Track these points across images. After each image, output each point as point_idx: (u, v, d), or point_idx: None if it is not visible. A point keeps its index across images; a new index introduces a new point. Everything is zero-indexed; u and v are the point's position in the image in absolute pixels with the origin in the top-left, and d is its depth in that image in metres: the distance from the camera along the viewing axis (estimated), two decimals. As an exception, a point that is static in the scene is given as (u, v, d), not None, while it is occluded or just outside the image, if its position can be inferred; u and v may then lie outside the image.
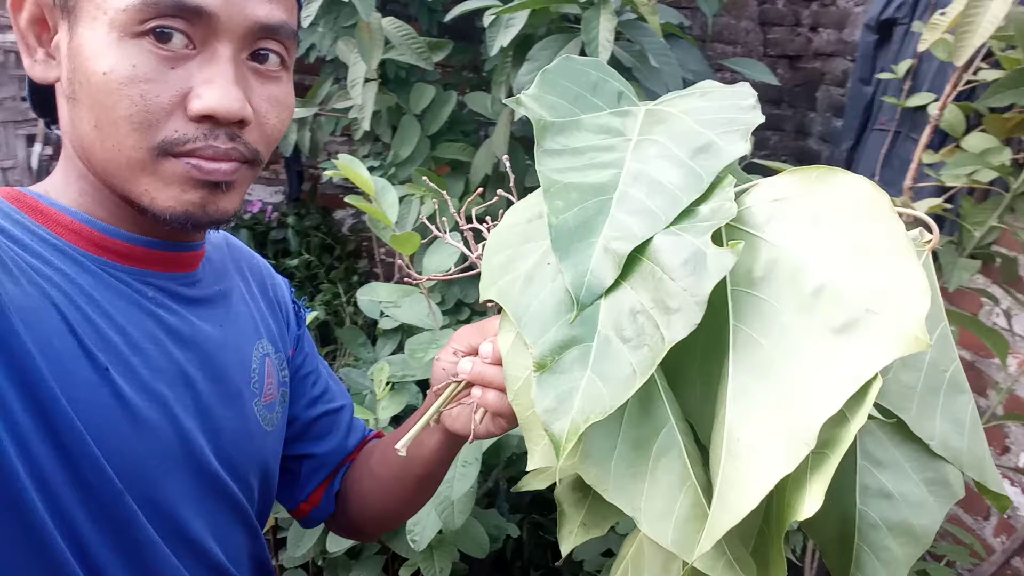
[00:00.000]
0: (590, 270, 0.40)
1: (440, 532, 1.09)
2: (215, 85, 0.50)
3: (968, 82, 1.24)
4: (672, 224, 0.40)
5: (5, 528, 0.45)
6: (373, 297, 1.18)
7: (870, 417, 0.40)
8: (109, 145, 0.50)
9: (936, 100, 1.47)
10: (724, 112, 0.45)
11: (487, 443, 1.08)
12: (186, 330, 0.58)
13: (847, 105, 2.03)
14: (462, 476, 0.99)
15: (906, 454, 0.43)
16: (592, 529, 0.52)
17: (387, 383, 1.14)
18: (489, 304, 0.47)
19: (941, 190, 1.38)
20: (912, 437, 0.42)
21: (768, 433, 0.35)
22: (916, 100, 1.60)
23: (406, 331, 1.34)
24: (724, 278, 0.38)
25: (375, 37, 1.48)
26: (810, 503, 0.34)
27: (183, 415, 0.55)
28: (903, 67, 1.69)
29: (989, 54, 1.24)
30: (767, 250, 0.39)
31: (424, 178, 0.64)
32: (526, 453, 0.45)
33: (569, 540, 0.52)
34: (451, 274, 0.64)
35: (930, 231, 0.43)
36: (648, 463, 0.40)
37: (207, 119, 0.50)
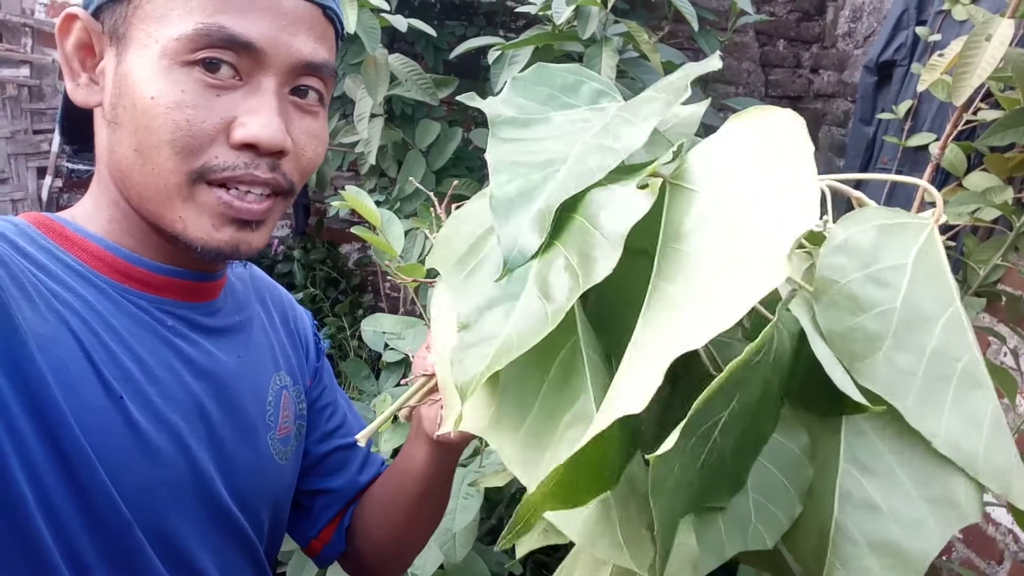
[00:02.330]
0: (520, 233, 0.39)
1: (442, 567, 1.07)
2: (259, 115, 0.51)
3: (968, 122, 1.26)
4: (611, 182, 0.40)
5: (8, 552, 0.44)
6: (377, 328, 1.18)
7: (860, 410, 0.35)
8: (148, 169, 0.51)
9: (936, 140, 1.49)
10: (685, 73, 0.46)
11: (489, 478, 1.07)
12: (203, 360, 0.58)
13: (849, 145, 2.05)
14: (464, 508, 0.98)
15: (904, 463, 0.36)
16: None
17: (389, 415, 1.13)
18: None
19: (944, 228, 1.39)
20: (914, 444, 0.36)
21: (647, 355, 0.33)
22: (917, 140, 1.61)
23: (409, 364, 1.34)
24: (659, 237, 0.38)
25: (381, 72, 1.51)
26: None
27: (196, 446, 0.55)
28: (903, 108, 1.71)
29: (988, 94, 1.26)
30: (699, 203, 0.37)
31: (432, 207, 0.64)
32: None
33: None
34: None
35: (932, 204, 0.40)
36: (556, 434, 0.38)
37: (249, 148, 0.51)
